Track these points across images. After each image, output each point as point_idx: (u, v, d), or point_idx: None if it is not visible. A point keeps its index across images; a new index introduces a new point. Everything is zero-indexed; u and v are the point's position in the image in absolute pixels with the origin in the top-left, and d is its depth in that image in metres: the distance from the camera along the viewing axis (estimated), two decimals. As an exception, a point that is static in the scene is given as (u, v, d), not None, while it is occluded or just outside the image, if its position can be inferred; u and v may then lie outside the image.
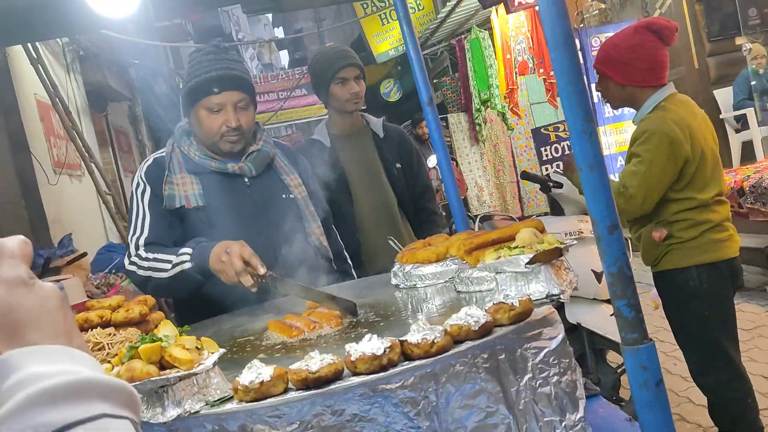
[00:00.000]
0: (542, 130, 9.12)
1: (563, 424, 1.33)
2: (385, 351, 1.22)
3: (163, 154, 2.50)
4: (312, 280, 2.32)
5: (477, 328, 1.28)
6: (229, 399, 1.25)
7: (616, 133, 9.32)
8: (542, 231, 1.75)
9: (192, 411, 1.21)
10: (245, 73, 2.45)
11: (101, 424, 0.56)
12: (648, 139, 2.78)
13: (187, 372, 1.21)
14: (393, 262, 2.21)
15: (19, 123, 5.79)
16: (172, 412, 1.20)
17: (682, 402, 4.45)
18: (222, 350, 1.34)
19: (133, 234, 2.40)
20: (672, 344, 5.43)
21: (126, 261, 2.39)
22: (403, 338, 1.27)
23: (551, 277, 1.47)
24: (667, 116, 2.82)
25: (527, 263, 1.46)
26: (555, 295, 1.46)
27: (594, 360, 3.65)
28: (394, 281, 2.12)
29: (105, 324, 1.63)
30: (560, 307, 2.21)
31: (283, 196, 2.54)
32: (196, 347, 1.30)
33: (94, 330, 1.43)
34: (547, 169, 8.71)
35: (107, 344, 1.38)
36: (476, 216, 5.05)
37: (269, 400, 1.20)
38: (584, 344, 3.63)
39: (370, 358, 1.21)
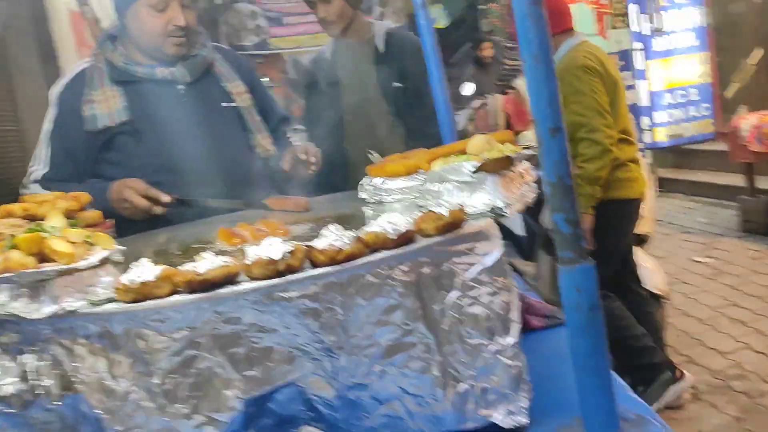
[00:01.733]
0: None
1: (491, 348, 1.19)
2: (284, 256, 1.08)
3: (85, 66, 2.29)
4: (263, 193, 2.15)
5: (395, 236, 1.13)
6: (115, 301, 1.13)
7: (666, 67, 8.84)
8: (509, 141, 1.58)
9: (69, 309, 1.10)
10: None
11: None
12: (569, 81, 3.14)
13: (66, 267, 1.10)
14: None
15: (48, 33, 5.69)
16: (47, 309, 1.09)
17: (694, 344, 4.30)
18: (119, 248, 1.22)
19: (30, 168, 2.25)
20: (695, 286, 5.25)
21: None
22: (309, 243, 1.13)
23: (498, 188, 1.30)
24: (577, 54, 3.27)
25: (473, 172, 1.30)
26: (499, 208, 1.29)
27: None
28: (361, 195, 1.96)
29: (29, 218, 1.53)
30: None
31: (224, 104, 2.34)
32: (87, 242, 1.18)
33: (2, 219, 1.33)
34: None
35: (9, 235, 1.28)
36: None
37: (151, 302, 1.08)
38: None
39: (266, 262, 1.07)
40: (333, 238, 1.12)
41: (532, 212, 4.23)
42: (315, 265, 1.11)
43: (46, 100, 2.34)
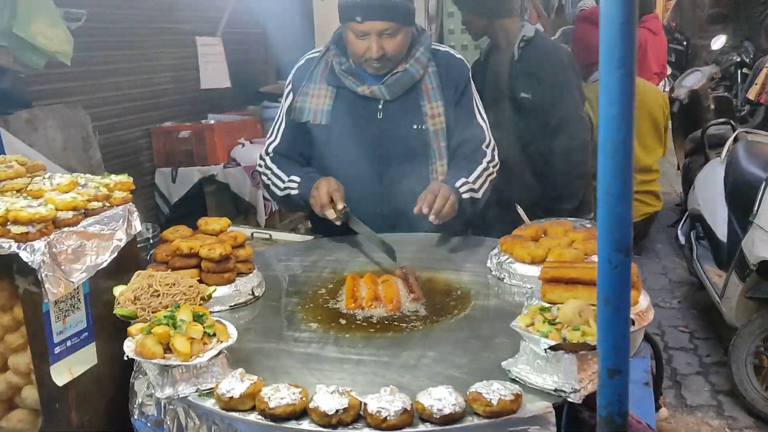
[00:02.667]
0: None
1: None
2: (336, 411, 1.26)
3: (317, 54, 2.47)
4: (425, 223, 2.23)
5: (439, 416, 1.25)
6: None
7: None
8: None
9: (182, 395, 1.40)
10: None
11: None
12: None
13: (182, 363, 1.39)
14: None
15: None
16: (168, 391, 1.40)
17: None
18: (231, 340, 1.48)
19: (269, 137, 2.52)
20: None
21: (258, 161, 2.52)
22: (365, 399, 1.29)
23: (572, 369, 1.33)
24: None
25: (547, 348, 1.33)
26: (564, 392, 1.32)
27: None
28: (488, 264, 2.04)
29: (191, 255, 1.85)
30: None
31: (415, 126, 2.39)
32: (207, 333, 1.45)
33: (159, 274, 1.64)
34: None
35: (163, 293, 1.59)
36: None
37: (235, 413, 1.33)
38: None
39: (322, 414, 1.26)
40: (384, 401, 1.26)
41: (738, 218, 3.86)
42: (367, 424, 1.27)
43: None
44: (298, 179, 2.37)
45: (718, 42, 10.62)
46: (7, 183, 1.77)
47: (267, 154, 2.52)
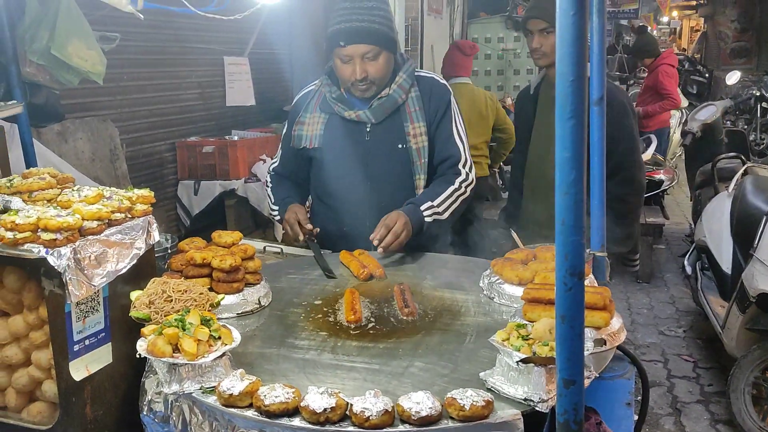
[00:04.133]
0: None
1: None
2: (325, 410, 1.39)
3: (312, 88, 2.72)
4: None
5: (417, 418, 1.38)
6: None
7: None
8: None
9: (187, 392, 1.54)
10: (377, 22, 2.45)
11: None
12: None
13: (189, 362, 1.53)
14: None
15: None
16: (174, 387, 1.55)
17: None
18: (235, 344, 1.62)
19: (273, 159, 2.84)
20: None
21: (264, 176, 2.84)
22: (352, 400, 1.42)
23: (541, 381, 1.45)
24: None
25: (519, 361, 1.46)
26: (533, 402, 1.44)
27: None
28: (480, 283, 2.16)
29: (204, 265, 2.01)
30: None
31: (399, 146, 2.59)
32: (213, 336, 1.60)
33: (173, 281, 1.79)
34: None
35: (176, 299, 1.74)
36: None
37: (234, 410, 1.47)
38: None
39: (311, 412, 1.39)
40: (367, 402, 1.40)
41: (742, 251, 3.93)
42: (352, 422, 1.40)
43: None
44: (277, 208, 2.73)
45: (734, 77, 10.68)
46: (40, 193, 1.94)
47: (268, 173, 2.86)
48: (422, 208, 2.49)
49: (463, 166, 2.64)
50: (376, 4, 2.51)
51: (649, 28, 16.40)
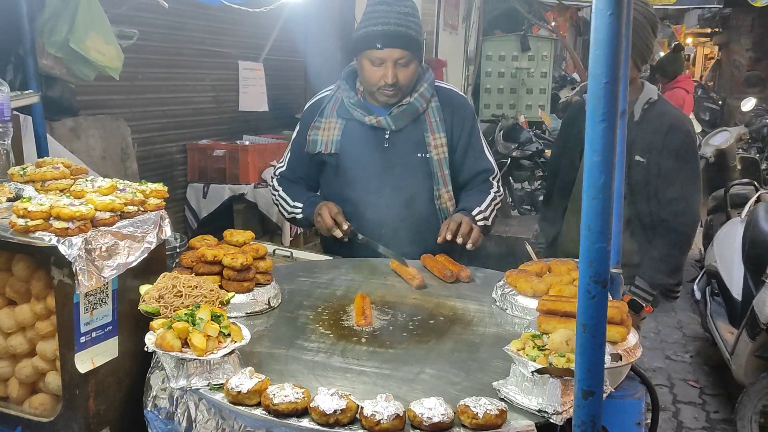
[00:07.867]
0: None
1: None
2: (335, 411, 1.36)
3: (327, 93, 2.67)
4: (429, 245, 2.43)
5: (428, 424, 1.34)
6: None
7: None
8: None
9: (194, 387, 1.51)
10: (412, 29, 2.44)
11: None
12: None
13: (197, 357, 1.50)
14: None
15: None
16: (182, 382, 1.51)
17: None
18: (245, 341, 1.59)
19: (278, 163, 2.79)
20: None
21: (269, 181, 2.76)
22: (362, 403, 1.39)
23: (556, 393, 1.41)
24: None
25: (534, 371, 1.42)
26: (547, 414, 1.41)
27: None
28: (493, 294, 2.13)
29: (215, 262, 1.98)
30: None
31: (419, 155, 2.57)
32: (222, 333, 1.57)
33: (184, 277, 1.77)
34: None
35: (186, 294, 1.72)
36: None
37: (241, 407, 1.44)
38: None
39: (320, 413, 1.36)
40: (378, 405, 1.36)
41: (754, 277, 3.89)
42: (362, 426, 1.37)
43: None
44: (300, 205, 2.63)
45: (748, 104, 10.68)
46: (53, 183, 1.92)
47: (273, 176, 2.79)
48: (473, 213, 2.48)
49: (495, 179, 2.65)
50: (411, 11, 2.50)
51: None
